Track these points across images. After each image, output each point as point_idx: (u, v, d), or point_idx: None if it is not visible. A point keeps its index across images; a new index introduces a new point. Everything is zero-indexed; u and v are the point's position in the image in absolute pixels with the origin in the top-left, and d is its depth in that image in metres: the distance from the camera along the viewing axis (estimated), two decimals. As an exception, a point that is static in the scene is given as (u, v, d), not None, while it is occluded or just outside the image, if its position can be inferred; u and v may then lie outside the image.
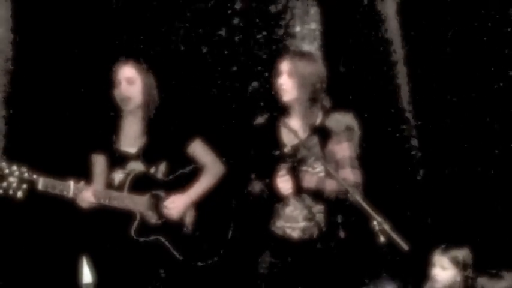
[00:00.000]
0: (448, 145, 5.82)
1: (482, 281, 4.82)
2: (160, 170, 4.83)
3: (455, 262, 4.83)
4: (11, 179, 4.51)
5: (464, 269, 4.82)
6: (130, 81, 4.77)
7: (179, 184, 4.84)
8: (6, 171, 4.52)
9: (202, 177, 4.87)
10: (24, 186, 4.53)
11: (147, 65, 4.87)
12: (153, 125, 4.83)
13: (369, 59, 5.89)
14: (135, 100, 4.78)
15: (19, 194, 4.52)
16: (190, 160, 4.90)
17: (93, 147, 4.80)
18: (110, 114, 4.82)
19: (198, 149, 4.90)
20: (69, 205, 5.02)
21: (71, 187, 4.59)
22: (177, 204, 4.77)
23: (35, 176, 4.54)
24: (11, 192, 4.51)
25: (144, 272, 4.75)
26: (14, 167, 4.54)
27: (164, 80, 5.01)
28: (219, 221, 4.92)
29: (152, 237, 4.74)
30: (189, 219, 4.85)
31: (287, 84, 4.55)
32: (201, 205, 4.87)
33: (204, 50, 5.85)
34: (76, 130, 5.25)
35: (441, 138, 5.83)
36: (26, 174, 4.53)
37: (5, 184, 4.51)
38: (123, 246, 4.72)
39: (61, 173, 4.64)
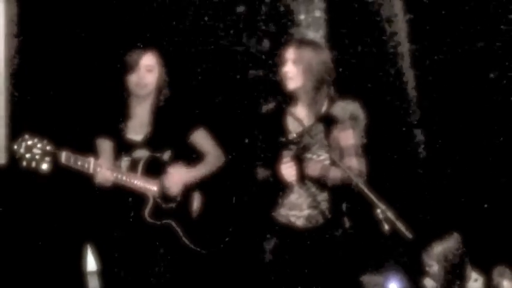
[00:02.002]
0: (453, 135, 5.82)
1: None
2: (166, 157, 4.86)
3: (436, 259, 4.89)
4: (35, 150, 4.50)
5: (440, 263, 4.88)
6: (149, 69, 4.81)
7: None
8: (30, 142, 4.51)
9: (203, 163, 4.91)
10: (48, 158, 4.51)
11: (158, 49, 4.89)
12: (160, 114, 4.86)
13: (374, 47, 5.88)
14: (150, 88, 4.83)
15: (44, 166, 4.50)
16: (192, 149, 4.92)
17: (100, 132, 4.81)
18: (119, 101, 4.82)
19: (201, 139, 4.93)
20: (75, 193, 5.05)
21: (91, 163, 4.61)
22: (176, 175, 4.78)
23: (58, 149, 4.54)
24: (33, 164, 4.49)
25: (149, 257, 4.77)
26: (38, 139, 4.54)
27: (169, 69, 5.01)
28: (225, 211, 4.94)
29: (164, 221, 4.76)
30: (197, 207, 4.87)
31: (292, 72, 4.55)
32: (208, 193, 4.89)
33: (209, 39, 5.85)
34: (85, 115, 5.25)
35: (446, 127, 5.83)
36: (48, 147, 4.54)
37: (28, 155, 4.49)
38: (132, 231, 4.74)
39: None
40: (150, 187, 4.75)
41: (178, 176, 4.79)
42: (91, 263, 5.26)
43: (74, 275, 5.31)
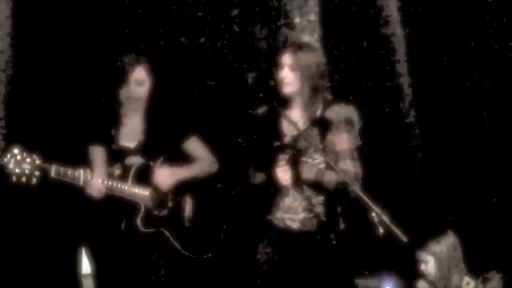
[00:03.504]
0: (448, 139, 5.84)
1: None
2: (157, 164, 4.85)
3: (433, 255, 4.87)
4: (25, 165, 4.52)
5: (439, 258, 4.86)
6: (140, 83, 4.82)
7: None
8: (19, 157, 4.52)
9: (194, 164, 4.91)
10: (37, 173, 4.53)
11: (149, 60, 4.88)
12: (153, 120, 4.86)
13: (369, 49, 5.89)
14: (140, 101, 4.83)
15: (33, 180, 4.53)
16: (186, 156, 4.92)
17: (92, 140, 4.81)
18: (112, 109, 4.82)
19: (194, 146, 4.95)
20: (69, 196, 5.05)
21: (81, 175, 4.62)
22: (165, 172, 4.78)
23: (47, 164, 4.55)
24: (24, 179, 4.52)
25: (143, 263, 4.76)
26: (26, 154, 4.54)
27: (163, 73, 5.01)
28: (218, 215, 4.94)
29: (156, 229, 4.75)
30: (189, 212, 4.86)
31: (289, 78, 4.56)
32: (200, 199, 4.89)
33: (203, 42, 5.85)
34: (77, 122, 5.25)
35: (441, 131, 5.85)
36: (38, 161, 4.54)
37: (18, 171, 4.51)
38: (124, 238, 4.73)
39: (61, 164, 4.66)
40: (142, 195, 4.74)
41: (166, 173, 4.78)
42: (85, 265, 5.26)
43: (69, 277, 5.31)
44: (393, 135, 5.88)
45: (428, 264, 4.91)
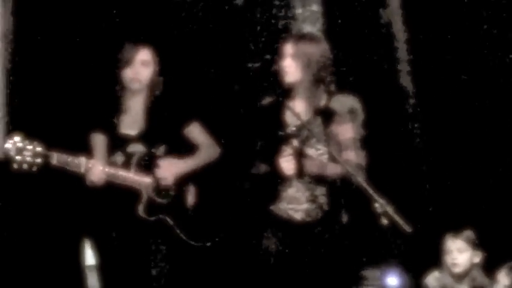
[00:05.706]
0: (451, 128, 5.83)
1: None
2: (159, 152, 4.86)
3: (471, 242, 4.88)
4: (26, 152, 4.51)
5: (478, 248, 4.87)
6: (145, 64, 4.81)
7: None
8: (20, 145, 4.52)
9: (197, 154, 4.91)
10: (39, 160, 4.53)
11: (152, 45, 4.88)
12: (154, 108, 4.86)
13: (371, 40, 5.89)
14: (144, 82, 4.83)
15: (35, 168, 4.53)
16: (187, 142, 4.92)
17: (94, 127, 4.81)
18: (113, 96, 4.81)
19: (195, 132, 4.94)
20: (72, 187, 5.06)
21: (83, 163, 4.62)
22: (169, 166, 4.79)
23: (49, 151, 4.55)
24: (25, 166, 4.51)
25: (146, 252, 4.77)
26: (28, 141, 4.55)
27: (165, 62, 5.01)
28: (221, 203, 4.95)
29: (158, 217, 4.76)
30: (191, 201, 4.87)
31: (291, 67, 4.55)
32: (203, 186, 4.90)
33: (205, 32, 5.84)
34: (78, 109, 5.25)
35: (443, 121, 5.84)
36: (39, 149, 4.55)
37: (19, 158, 4.51)
38: (128, 226, 4.74)
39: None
40: (144, 182, 4.75)
41: (170, 167, 4.79)
42: (89, 257, 5.28)
43: (73, 269, 5.32)
44: (396, 126, 5.88)
45: (464, 253, 4.88)
